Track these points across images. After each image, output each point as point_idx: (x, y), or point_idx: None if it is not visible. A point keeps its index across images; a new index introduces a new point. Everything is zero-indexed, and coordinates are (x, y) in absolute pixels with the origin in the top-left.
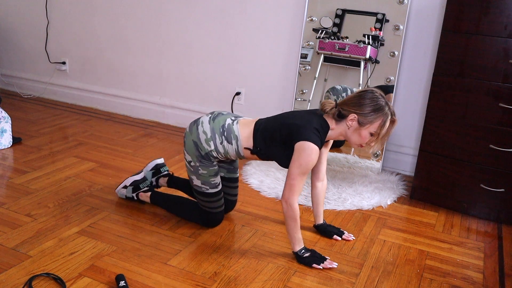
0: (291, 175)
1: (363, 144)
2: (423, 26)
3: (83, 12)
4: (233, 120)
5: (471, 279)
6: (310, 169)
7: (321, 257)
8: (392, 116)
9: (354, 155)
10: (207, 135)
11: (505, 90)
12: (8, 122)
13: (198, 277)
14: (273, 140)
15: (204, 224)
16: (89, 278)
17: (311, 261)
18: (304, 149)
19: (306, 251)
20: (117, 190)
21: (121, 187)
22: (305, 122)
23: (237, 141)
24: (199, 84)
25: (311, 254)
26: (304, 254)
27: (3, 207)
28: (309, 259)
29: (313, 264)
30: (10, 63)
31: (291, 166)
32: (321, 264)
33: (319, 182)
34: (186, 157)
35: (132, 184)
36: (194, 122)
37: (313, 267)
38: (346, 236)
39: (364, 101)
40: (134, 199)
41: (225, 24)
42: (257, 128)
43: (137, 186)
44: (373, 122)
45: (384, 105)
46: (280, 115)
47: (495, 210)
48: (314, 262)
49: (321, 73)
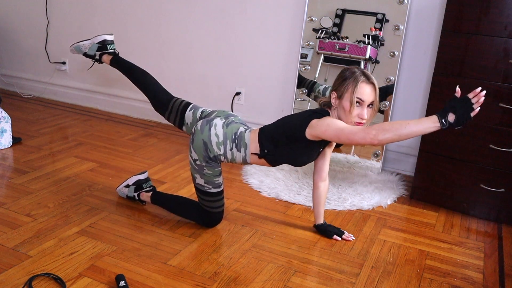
0: (339, 132)
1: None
2: (423, 26)
3: (83, 12)
4: (245, 129)
5: (471, 279)
6: (341, 125)
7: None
8: (366, 78)
9: (354, 155)
10: (219, 139)
11: (505, 90)
12: (8, 122)
13: (198, 277)
14: (279, 140)
15: (204, 223)
16: (89, 278)
17: (332, 232)
18: (316, 123)
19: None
20: (118, 189)
21: (123, 185)
22: (304, 113)
23: (246, 149)
24: (199, 84)
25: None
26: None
27: (3, 207)
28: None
29: (334, 236)
30: (10, 63)
31: (327, 135)
32: (342, 236)
33: (321, 182)
34: (191, 155)
35: (135, 183)
36: (207, 122)
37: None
38: (346, 236)
39: (339, 75)
40: (135, 199)
41: (225, 24)
42: (261, 132)
43: (140, 185)
44: (347, 88)
45: (355, 71)
46: (282, 118)
47: (495, 210)
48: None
49: (321, 73)
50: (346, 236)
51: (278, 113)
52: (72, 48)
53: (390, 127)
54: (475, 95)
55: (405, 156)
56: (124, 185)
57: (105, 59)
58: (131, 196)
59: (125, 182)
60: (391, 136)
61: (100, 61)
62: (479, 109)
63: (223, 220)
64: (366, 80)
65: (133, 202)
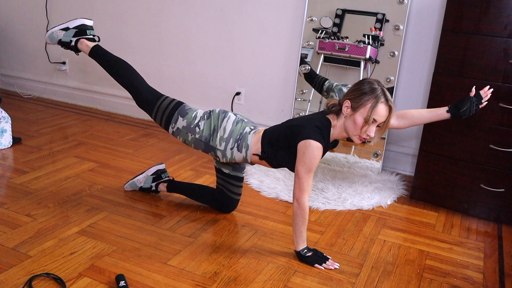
0: (298, 174)
1: (361, 135)
2: (423, 26)
3: (83, 12)
4: (251, 130)
5: (471, 279)
6: (315, 166)
7: (323, 257)
8: (386, 100)
9: (354, 155)
10: (224, 133)
11: (505, 90)
12: (8, 122)
13: (198, 277)
14: (279, 144)
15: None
16: (89, 278)
17: (313, 260)
18: (306, 147)
19: (308, 251)
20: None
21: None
22: (306, 122)
23: (247, 150)
24: (199, 84)
25: (313, 254)
26: (306, 253)
27: (3, 207)
28: (311, 258)
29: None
30: (10, 63)
31: (297, 165)
32: (323, 264)
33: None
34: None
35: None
36: (223, 112)
37: (315, 267)
38: (328, 264)
39: (358, 86)
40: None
41: (225, 24)
42: (264, 134)
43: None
44: (365, 104)
45: (376, 88)
46: (287, 121)
47: (495, 210)
48: (316, 262)
49: (321, 73)
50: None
51: (278, 113)
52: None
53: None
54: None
55: (405, 156)
56: (142, 177)
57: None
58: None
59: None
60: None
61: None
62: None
63: (223, 220)
64: (386, 102)
65: (133, 203)
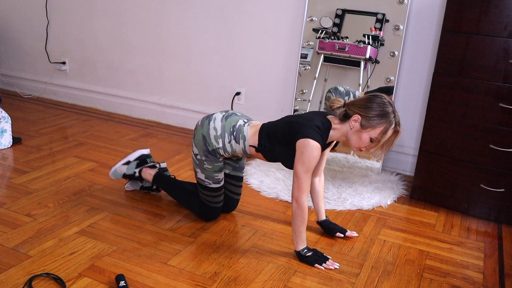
0: (296, 174)
1: (362, 148)
2: (423, 26)
3: (83, 12)
4: (245, 122)
5: (471, 279)
6: (314, 166)
7: (323, 257)
8: (396, 126)
9: (354, 155)
10: (217, 132)
11: (505, 90)
12: (8, 122)
13: (198, 277)
14: (276, 139)
15: (201, 215)
16: (89, 278)
17: (313, 260)
18: (305, 146)
19: (308, 251)
20: (114, 170)
21: (121, 164)
22: (307, 121)
23: (245, 141)
24: (199, 84)
25: (313, 254)
26: (306, 253)
27: (3, 207)
28: (311, 258)
29: (315, 264)
30: (10, 63)
31: (295, 165)
32: (323, 264)
33: (315, 178)
34: (193, 150)
35: (139, 158)
36: (207, 117)
37: (315, 267)
38: (349, 234)
39: (372, 104)
40: (135, 176)
41: (225, 24)
42: (263, 127)
43: (143, 160)
44: (375, 127)
45: (390, 113)
46: (286, 116)
47: (495, 210)
48: (316, 262)
49: (321, 73)
50: (349, 234)
51: (278, 113)
52: (110, 175)
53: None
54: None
55: (405, 156)
56: (123, 163)
57: (147, 175)
58: (130, 173)
59: (124, 159)
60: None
61: (141, 178)
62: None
63: (223, 220)
64: (396, 129)
65: (133, 202)
